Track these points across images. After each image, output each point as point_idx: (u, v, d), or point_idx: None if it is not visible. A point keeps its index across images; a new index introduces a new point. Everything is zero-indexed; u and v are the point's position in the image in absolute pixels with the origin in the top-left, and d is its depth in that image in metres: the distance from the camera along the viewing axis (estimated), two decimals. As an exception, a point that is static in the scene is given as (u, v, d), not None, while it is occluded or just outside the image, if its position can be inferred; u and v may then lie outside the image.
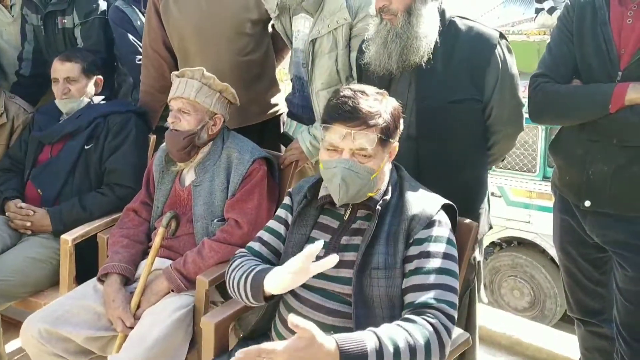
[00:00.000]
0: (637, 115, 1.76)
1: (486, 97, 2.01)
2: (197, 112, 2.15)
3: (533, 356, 2.85)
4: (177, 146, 2.14)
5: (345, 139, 1.55)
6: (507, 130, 2.10)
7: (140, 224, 2.28)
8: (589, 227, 1.97)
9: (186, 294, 2.04)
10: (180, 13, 2.62)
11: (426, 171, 1.97)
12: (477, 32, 2.00)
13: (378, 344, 1.33)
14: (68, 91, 2.60)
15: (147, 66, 2.80)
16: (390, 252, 1.55)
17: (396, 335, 1.36)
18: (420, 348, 1.36)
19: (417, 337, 1.37)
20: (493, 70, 1.98)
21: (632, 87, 1.77)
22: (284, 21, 2.54)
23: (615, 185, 1.86)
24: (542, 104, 1.96)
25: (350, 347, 1.30)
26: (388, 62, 1.95)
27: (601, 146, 1.87)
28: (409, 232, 1.56)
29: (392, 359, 1.33)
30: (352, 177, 1.56)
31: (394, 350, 1.33)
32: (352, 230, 1.63)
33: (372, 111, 1.56)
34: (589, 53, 1.88)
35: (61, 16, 2.97)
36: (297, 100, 2.65)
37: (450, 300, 1.48)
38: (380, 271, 1.53)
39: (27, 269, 2.31)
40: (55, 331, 1.94)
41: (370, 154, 1.56)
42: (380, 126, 1.56)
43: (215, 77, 2.18)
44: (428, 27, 1.93)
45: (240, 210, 2.10)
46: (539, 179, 6.53)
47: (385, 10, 1.95)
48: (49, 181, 2.53)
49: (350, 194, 1.58)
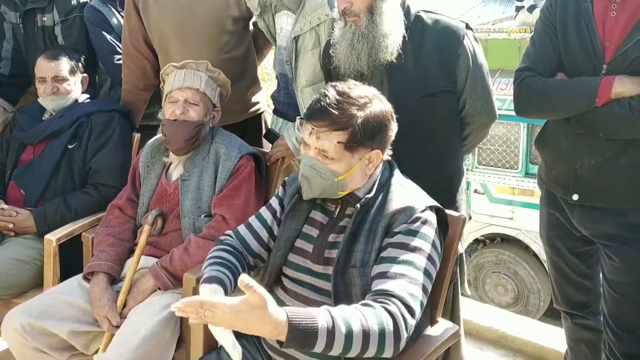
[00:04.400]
0: (624, 108, 1.75)
1: (458, 89, 2.03)
2: (204, 103, 2.17)
3: (519, 349, 2.87)
4: (186, 136, 2.12)
5: (311, 136, 1.55)
6: (482, 120, 2.12)
7: (125, 221, 2.26)
8: (577, 220, 1.97)
9: (173, 291, 2.02)
10: (159, 10, 2.60)
11: (406, 169, 1.97)
12: (443, 25, 2.01)
13: (331, 323, 1.27)
14: (57, 90, 2.57)
15: (129, 65, 2.77)
16: (367, 249, 1.53)
17: (351, 317, 1.30)
18: (374, 335, 1.30)
19: (372, 323, 1.31)
20: (463, 62, 2.00)
21: (618, 80, 1.76)
22: (266, 19, 2.54)
23: (603, 179, 1.86)
24: (528, 98, 1.96)
25: (300, 321, 1.24)
26: (357, 63, 1.96)
27: (587, 139, 1.87)
28: (389, 227, 1.53)
29: (343, 340, 1.27)
30: (314, 175, 1.56)
31: (346, 332, 1.28)
32: (339, 228, 1.62)
33: (341, 115, 1.51)
34: (573, 46, 1.87)
35: (41, 14, 2.93)
36: (282, 97, 2.65)
37: (414, 294, 1.41)
38: (356, 269, 1.52)
39: (11, 270, 2.28)
40: (39, 325, 1.91)
41: (332, 156, 1.53)
42: (348, 131, 1.51)
43: (220, 71, 2.22)
44: (392, 24, 1.94)
45: (227, 206, 2.10)
46: (522, 176, 6.61)
47: (348, 13, 1.95)
48: (32, 181, 2.50)
49: (314, 190, 1.58)
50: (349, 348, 1.29)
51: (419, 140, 2.01)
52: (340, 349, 1.29)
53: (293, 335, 1.24)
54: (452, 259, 1.73)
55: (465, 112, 2.08)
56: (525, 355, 2.85)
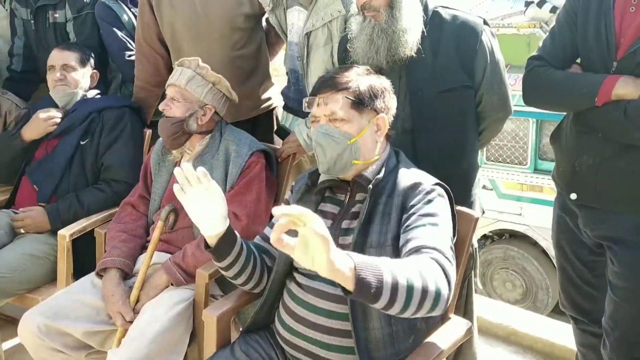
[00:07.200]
0: (621, 112, 1.69)
1: (476, 84, 2.03)
2: (186, 100, 2.17)
3: (530, 346, 2.87)
4: (167, 132, 2.16)
5: (320, 106, 1.64)
6: (497, 115, 2.13)
7: (138, 218, 2.27)
8: (583, 221, 1.93)
9: (186, 287, 2.03)
10: (172, 7, 2.61)
11: (424, 163, 1.97)
12: (461, 20, 2.01)
13: (396, 279, 1.23)
14: (64, 78, 2.58)
15: (142, 61, 2.77)
16: (383, 230, 1.55)
17: (411, 273, 1.26)
18: (431, 292, 1.27)
19: (430, 279, 1.28)
20: (481, 57, 2.00)
21: (621, 81, 1.70)
22: (278, 14, 2.54)
23: (601, 179, 1.82)
24: (535, 88, 1.93)
25: (367, 274, 1.19)
26: (376, 58, 1.95)
27: (588, 138, 1.83)
28: (404, 203, 1.56)
29: (404, 297, 1.23)
30: (328, 141, 1.60)
31: (408, 288, 1.24)
32: (352, 214, 1.64)
33: (344, 79, 1.63)
34: (589, 38, 1.79)
35: (52, 10, 2.93)
36: (292, 94, 2.65)
37: (450, 247, 1.44)
38: (373, 249, 1.54)
39: (24, 265, 2.29)
40: (54, 325, 1.93)
41: (343, 117, 1.60)
42: (351, 90, 1.61)
43: (209, 68, 2.18)
44: (412, 19, 1.93)
45: (239, 203, 2.10)
46: (530, 172, 6.58)
47: (368, 7, 1.95)
48: (45, 177, 2.51)
49: (329, 158, 1.61)
50: (408, 306, 1.26)
51: (437, 134, 2.01)
52: (400, 306, 1.25)
53: (361, 288, 1.18)
54: (464, 256, 1.73)
55: (481, 107, 2.09)
56: (535, 352, 2.84)
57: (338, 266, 1.14)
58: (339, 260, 1.15)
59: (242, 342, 1.73)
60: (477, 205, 2.17)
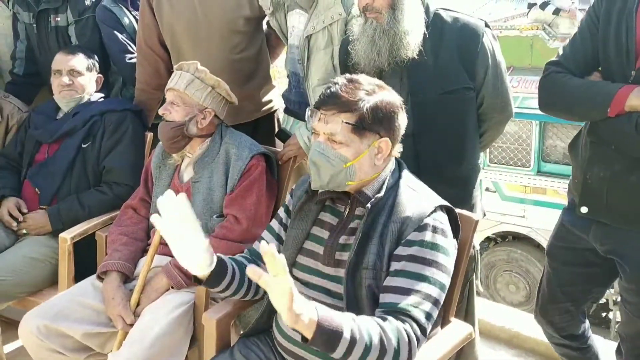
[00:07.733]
0: (630, 124, 1.62)
1: (477, 86, 2.03)
2: (185, 104, 2.16)
3: (532, 349, 2.86)
4: (166, 136, 2.16)
5: (320, 122, 1.55)
6: (499, 117, 2.13)
7: (139, 221, 2.27)
8: (593, 235, 1.86)
9: (186, 290, 2.03)
10: (172, 10, 2.61)
11: (425, 166, 1.97)
12: (463, 23, 2.01)
13: (356, 333, 1.30)
14: (72, 83, 2.58)
15: (142, 63, 2.78)
16: (380, 252, 1.52)
17: (372, 330, 1.33)
18: (389, 352, 1.33)
19: (390, 340, 1.34)
20: (482, 60, 2.00)
21: (635, 92, 1.61)
22: (278, 17, 2.54)
23: (611, 193, 1.75)
24: (550, 94, 1.86)
25: (329, 324, 1.26)
26: (378, 59, 1.95)
27: (600, 149, 1.76)
28: (400, 233, 1.51)
29: (361, 351, 1.30)
30: (323, 161, 1.53)
31: (366, 344, 1.30)
32: (350, 230, 1.59)
33: (350, 99, 1.51)
34: (610, 45, 1.70)
35: (54, 14, 2.93)
36: (293, 96, 2.65)
37: (428, 312, 1.42)
38: (368, 271, 1.51)
39: (26, 268, 2.30)
40: (54, 327, 1.93)
41: (341, 140, 1.52)
42: (355, 113, 1.51)
43: (208, 71, 2.18)
44: (414, 21, 1.94)
45: (239, 206, 2.10)
46: (533, 174, 6.56)
47: (370, 9, 1.95)
48: (47, 180, 2.52)
49: (322, 178, 1.55)
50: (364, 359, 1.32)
51: (438, 136, 2.01)
52: (356, 358, 1.31)
53: (320, 336, 1.25)
54: (464, 260, 1.72)
55: (482, 109, 2.09)
56: (538, 355, 2.83)
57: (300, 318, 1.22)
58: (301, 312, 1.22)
59: (241, 346, 1.73)
60: (478, 207, 2.17)
